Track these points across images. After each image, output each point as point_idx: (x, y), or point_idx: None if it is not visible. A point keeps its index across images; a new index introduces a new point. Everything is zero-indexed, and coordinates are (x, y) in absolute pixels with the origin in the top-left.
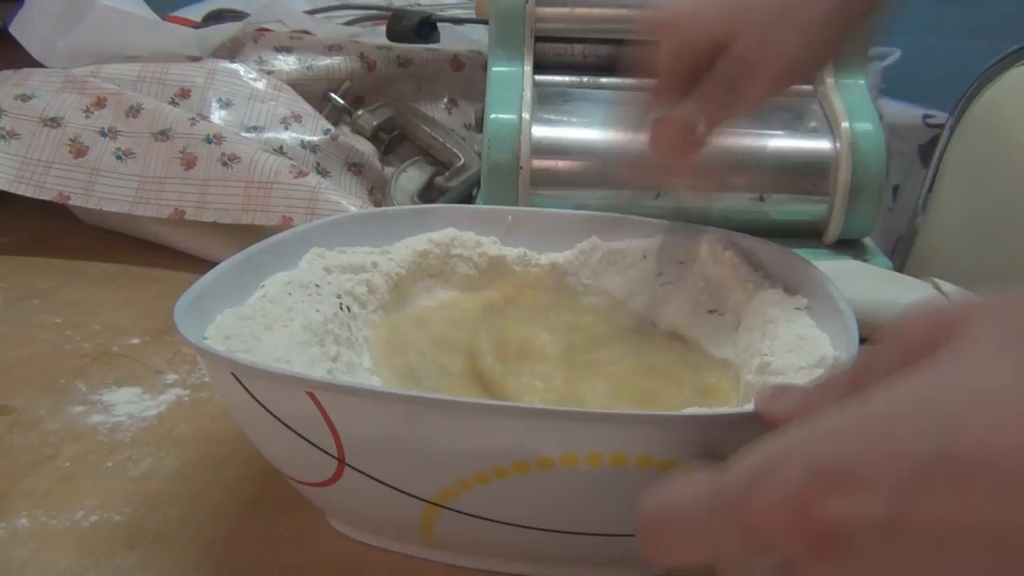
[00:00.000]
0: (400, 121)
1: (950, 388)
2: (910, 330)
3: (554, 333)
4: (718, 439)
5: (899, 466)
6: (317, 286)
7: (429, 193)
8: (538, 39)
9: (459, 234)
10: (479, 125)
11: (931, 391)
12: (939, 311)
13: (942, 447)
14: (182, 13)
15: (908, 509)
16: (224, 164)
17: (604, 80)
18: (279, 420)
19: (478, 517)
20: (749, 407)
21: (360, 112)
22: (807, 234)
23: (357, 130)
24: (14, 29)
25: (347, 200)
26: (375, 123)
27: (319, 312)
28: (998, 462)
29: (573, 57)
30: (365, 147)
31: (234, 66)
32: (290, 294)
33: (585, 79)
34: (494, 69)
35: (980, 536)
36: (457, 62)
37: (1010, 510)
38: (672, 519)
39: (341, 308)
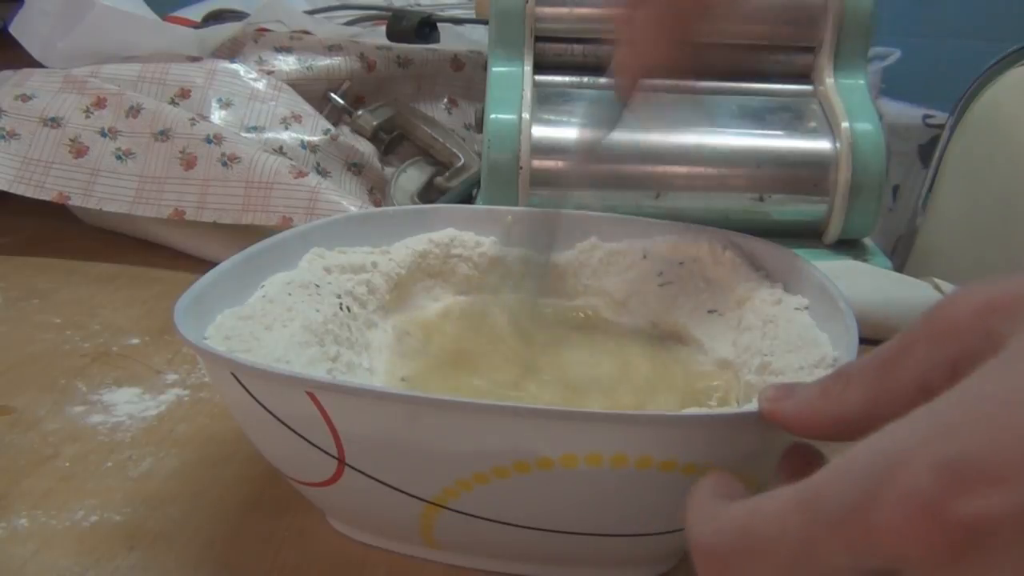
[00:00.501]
0: (400, 121)
1: None
2: (951, 316)
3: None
4: (718, 439)
5: None
6: (317, 286)
7: (429, 193)
8: (538, 39)
9: (459, 234)
10: (479, 125)
11: None
12: (985, 294)
13: None
14: (182, 13)
15: None
16: (224, 164)
17: (604, 80)
18: (279, 420)
19: (478, 517)
20: (749, 407)
21: (360, 112)
22: (807, 234)
23: (357, 130)
24: (14, 29)
25: (347, 200)
26: (375, 123)
27: (319, 312)
28: None
29: (573, 57)
30: (365, 147)
31: (234, 66)
32: (290, 294)
33: (585, 79)
34: (494, 69)
35: None
36: (457, 62)
37: None
38: (753, 549)
39: (341, 308)
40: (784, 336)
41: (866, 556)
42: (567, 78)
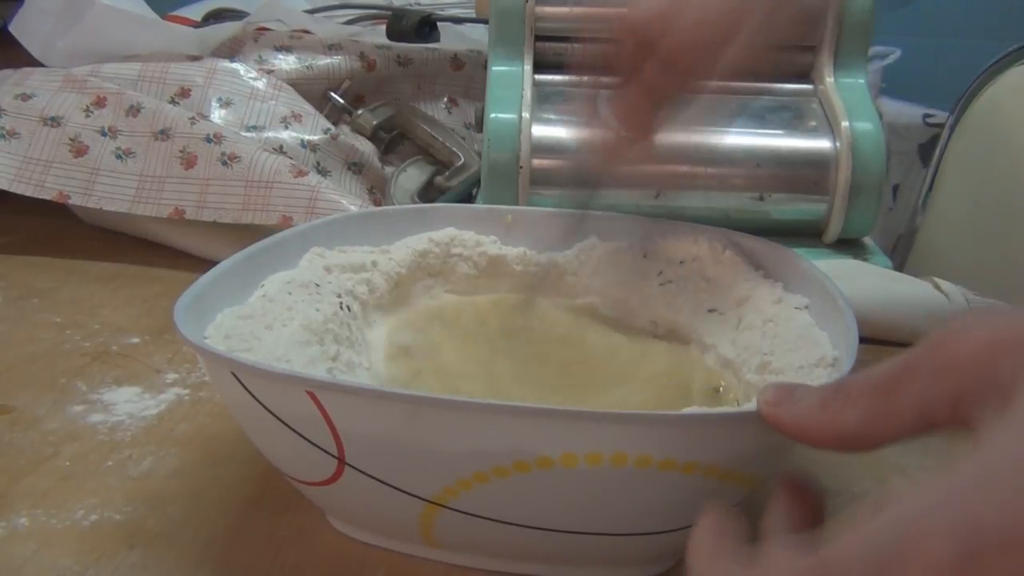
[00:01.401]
0: (400, 120)
1: None
2: (954, 352)
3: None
4: (718, 438)
5: None
6: (317, 285)
7: (429, 192)
8: (538, 38)
9: (459, 233)
10: (479, 124)
11: None
12: (989, 332)
13: None
14: (182, 12)
15: None
16: (224, 163)
17: (604, 80)
18: (279, 419)
19: (478, 516)
20: (749, 407)
21: (360, 111)
22: (807, 233)
23: (357, 129)
24: (14, 28)
25: (347, 199)
26: (375, 122)
27: (319, 311)
28: None
29: (573, 56)
30: (365, 146)
31: (234, 65)
32: (290, 293)
33: (585, 79)
34: (494, 68)
35: None
36: (457, 61)
37: None
38: None
39: (341, 307)
40: (784, 335)
41: None
42: (567, 77)
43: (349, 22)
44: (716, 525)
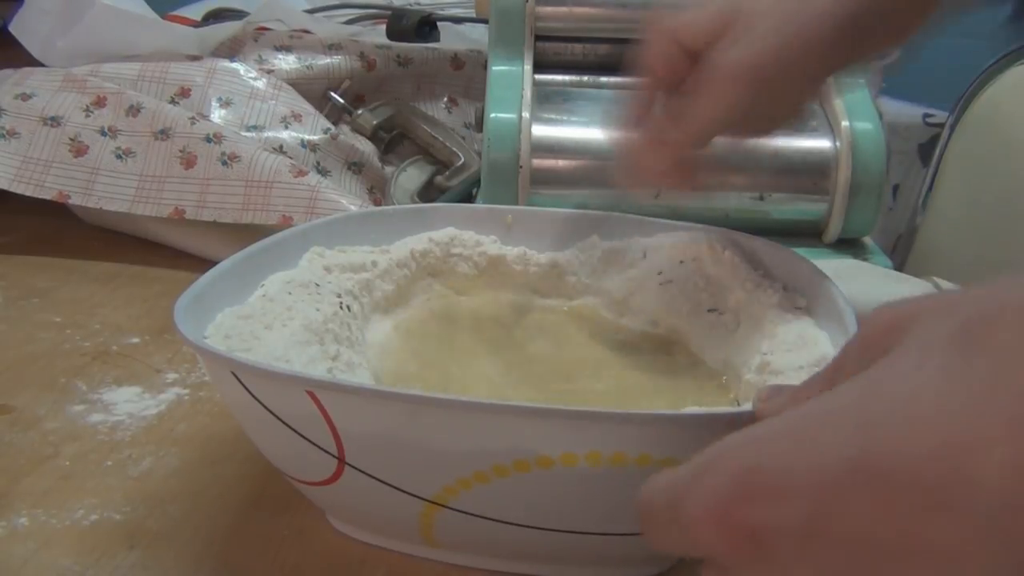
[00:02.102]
0: (400, 120)
1: (875, 395)
2: (870, 329)
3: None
4: (717, 438)
5: (819, 475)
6: (317, 285)
7: (429, 192)
8: (538, 38)
9: (459, 233)
10: (479, 124)
11: (858, 398)
12: (896, 310)
13: (859, 456)
14: (182, 12)
15: (824, 519)
16: (224, 163)
17: (604, 79)
18: (279, 419)
19: (478, 516)
20: (748, 407)
21: (360, 111)
22: (807, 233)
23: (357, 129)
24: (14, 28)
25: (347, 199)
26: (375, 122)
27: (319, 311)
28: (910, 471)
29: (573, 56)
30: (365, 146)
31: (234, 65)
32: (290, 293)
33: (585, 78)
34: (494, 68)
35: (895, 548)
36: (457, 61)
37: (922, 521)
38: (646, 511)
39: (341, 307)
40: (783, 335)
41: (686, 542)
42: (567, 77)
43: (349, 22)
44: None
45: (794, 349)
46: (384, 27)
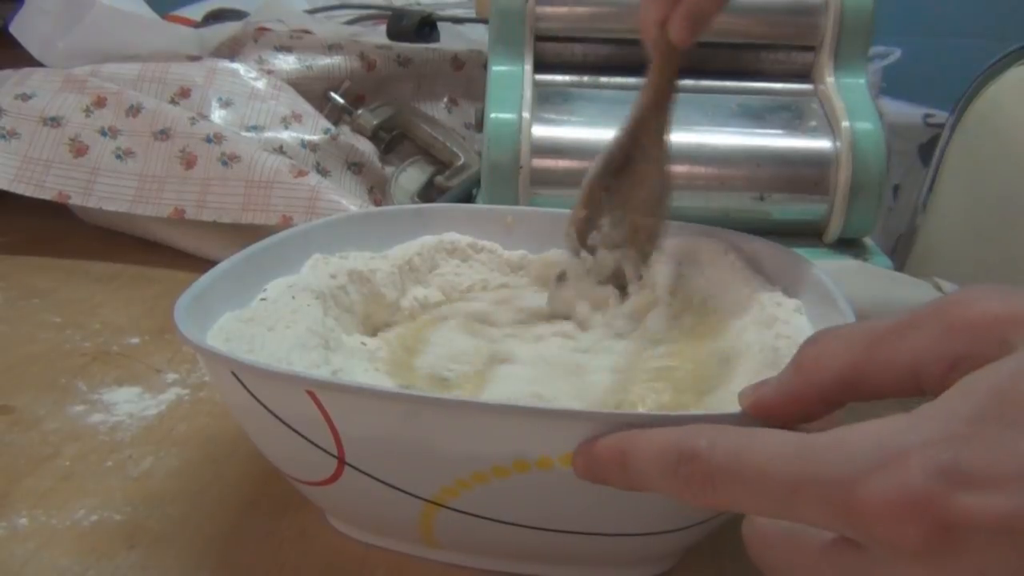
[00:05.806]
0: (400, 120)
1: None
2: (968, 316)
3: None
4: None
5: None
6: (319, 289)
7: (429, 192)
8: (538, 39)
9: (459, 238)
10: (479, 124)
11: None
12: (1005, 305)
13: None
14: (182, 12)
15: None
16: (224, 163)
17: (604, 80)
18: (279, 419)
19: (478, 516)
20: (738, 409)
21: (360, 111)
22: (807, 234)
23: (357, 129)
24: (14, 29)
25: (347, 199)
26: (375, 122)
27: (320, 315)
28: None
29: (573, 57)
30: (365, 146)
31: (234, 65)
32: (293, 297)
33: (585, 79)
34: (494, 68)
35: None
36: (457, 61)
37: None
38: (741, 474)
39: (341, 311)
40: (784, 336)
41: (837, 522)
42: (567, 78)
43: (349, 22)
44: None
45: (794, 350)
46: (384, 27)
